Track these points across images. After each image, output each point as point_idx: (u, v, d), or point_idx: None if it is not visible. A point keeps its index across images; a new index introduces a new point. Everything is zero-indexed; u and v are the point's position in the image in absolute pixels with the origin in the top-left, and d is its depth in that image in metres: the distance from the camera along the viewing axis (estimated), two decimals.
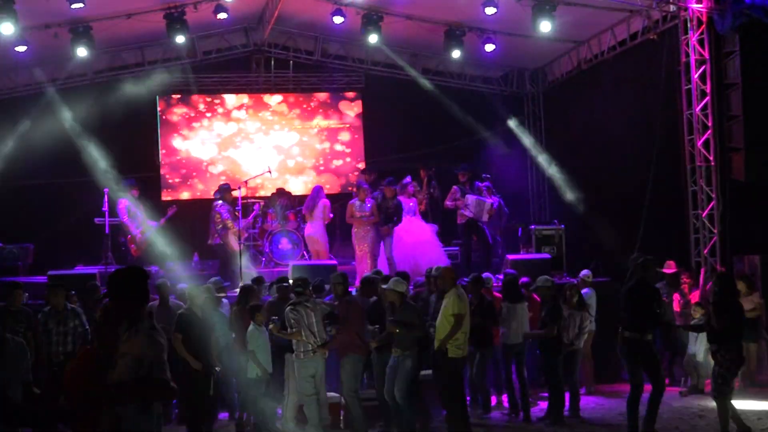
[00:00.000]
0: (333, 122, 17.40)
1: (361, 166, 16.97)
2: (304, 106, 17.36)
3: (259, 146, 17.05)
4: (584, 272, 11.53)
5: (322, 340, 8.74)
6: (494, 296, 10.45)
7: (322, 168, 17.27)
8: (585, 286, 11.24)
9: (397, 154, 16.58)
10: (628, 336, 8.14)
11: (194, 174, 16.80)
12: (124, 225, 13.07)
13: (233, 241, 12.69)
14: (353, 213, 12.93)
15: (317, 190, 13.92)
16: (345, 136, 17.40)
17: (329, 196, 15.07)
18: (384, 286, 8.89)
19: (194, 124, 16.93)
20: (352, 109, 17.45)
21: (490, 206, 13.25)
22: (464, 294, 8.87)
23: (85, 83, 15.75)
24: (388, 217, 12.88)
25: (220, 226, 12.83)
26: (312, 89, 17.34)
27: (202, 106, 17.00)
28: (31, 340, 8.48)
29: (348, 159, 17.36)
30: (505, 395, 10.29)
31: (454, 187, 13.79)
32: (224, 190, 13.12)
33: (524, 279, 10.79)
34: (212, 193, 14.25)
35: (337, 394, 9.29)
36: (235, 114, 17.10)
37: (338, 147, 17.37)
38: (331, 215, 13.83)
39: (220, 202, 12.99)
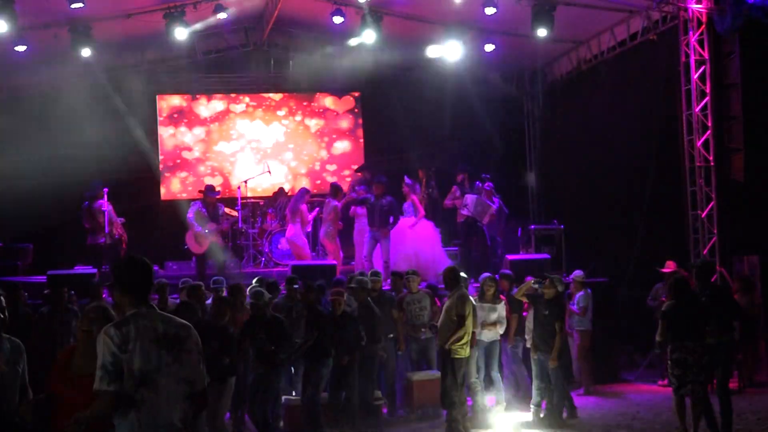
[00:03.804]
0: (332, 122, 17.39)
1: (357, 166, 16.95)
2: (304, 104, 17.36)
3: (258, 146, 17.04)
4: (577, 273, 11.49)
5: None
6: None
7: (319, 168, 17.27)
8: (581, 288, 11.23)
9: (396, 155, 16.58)
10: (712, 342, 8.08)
11: (193, 173, 16.80)
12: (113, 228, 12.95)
13: (192, 242, 12.67)
14: (337, 213, 13.13)
15: (301, 193, 13.88)
16: (344, 136, 17.39)
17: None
18: None
19: (193, 125, 16.92)
20: (351, 109, 17.44)
21: (492, 210, 13.27)
22: (467, 294, 8.88)
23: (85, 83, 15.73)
24: (381, 216, 12.85)
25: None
26: (312, 89, 17.33)
27: (201, 107, 17.00)
28: (33, 340, 8.47)
29: (348, 159, 17.34)
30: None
31: (455, 186, 13.79)
32: (205, 191, 13.05)
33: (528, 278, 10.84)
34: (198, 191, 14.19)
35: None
36: (234, 114, 17.10)
37: (337, 146, 17.37)
38: (309, 218, 13.77)
39: (198, 201, 12.97)
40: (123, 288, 4.06)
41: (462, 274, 9.27)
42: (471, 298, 9.10)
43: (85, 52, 13.60)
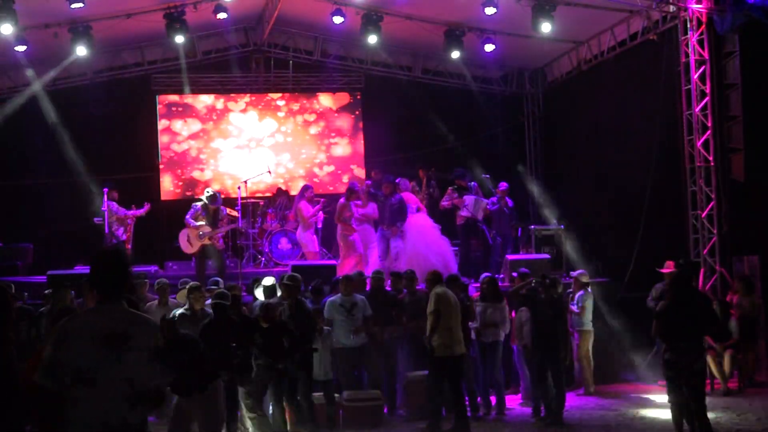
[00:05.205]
0: (331, 123, 17.37)
1: (355, 166, 16.90)
2: (305, 102, 17.35)
3: (258, 146, 17.02)
4: (580, 272, 11.45)
5: None
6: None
7: (317, 169, 17.24)
8: (580, 288, 11.22)
9: (397, 155, 16.57)
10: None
11: (190, 171, 16.77)
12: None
13: (184, 241, 12.64)
14: (341, 214, 13.04)
15: (300, 192, 13.83)
16: (344, 136, 17.38)
17: (329, 196, 15.07)
18: None
19: (193, 125, 16.91)
20: (351, 109, 17.43)
21: (485, 205, 13.32)
22: (446, 292, 8.86)
23: (85, 83, 15.74)
24: (391, 215, 12.83)
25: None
26: (311, 89, 17.33)
27: (201, 107, 16.99)
28: (34, 340, 8.46)
29: (347, 159, 17.33)
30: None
31: (450, 188, 13.78)
32: (207, 198, 12.79)
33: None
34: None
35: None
36: (234, 114, 17.08)
37: (337, 146, 17.35)
38: (309, 216, 13.65)
39: (199, 204, 12.86)
40: (90, 282, 3.99)
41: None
42: (451, 294, 9.02)
43: (85, 52, 13.60)
